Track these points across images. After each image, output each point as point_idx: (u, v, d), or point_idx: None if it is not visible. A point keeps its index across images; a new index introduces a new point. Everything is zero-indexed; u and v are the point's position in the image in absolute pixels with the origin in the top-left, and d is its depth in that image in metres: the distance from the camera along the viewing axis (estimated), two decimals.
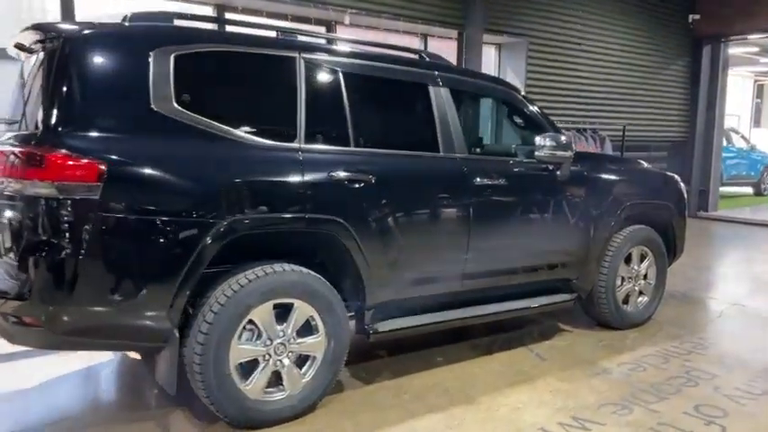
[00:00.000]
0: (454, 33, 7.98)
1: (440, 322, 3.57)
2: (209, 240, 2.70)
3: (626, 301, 4.62)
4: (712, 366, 3.89)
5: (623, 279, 4.58)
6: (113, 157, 2.56)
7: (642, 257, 4.68)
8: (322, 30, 7.19)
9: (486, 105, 4.37)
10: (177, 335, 2.73)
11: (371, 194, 3.18)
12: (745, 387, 3.58)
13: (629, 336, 4.50)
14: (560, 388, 3.53)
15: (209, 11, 6.40)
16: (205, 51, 2.92)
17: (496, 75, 8.91)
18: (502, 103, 4.11)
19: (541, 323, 4.76)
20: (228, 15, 6.51)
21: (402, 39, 8.18)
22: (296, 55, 3.12)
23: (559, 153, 3.91)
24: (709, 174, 11.79)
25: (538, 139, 3.87)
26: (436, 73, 3.62)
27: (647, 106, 10.62)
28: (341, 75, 3.24)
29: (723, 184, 13.44)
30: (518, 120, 4.25)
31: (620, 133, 9.55)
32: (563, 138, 3.96)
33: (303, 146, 3.05)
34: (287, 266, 2.95)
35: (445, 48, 8.17)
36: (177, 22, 3.05)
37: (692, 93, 11.44)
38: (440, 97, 3.58)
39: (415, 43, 8.12)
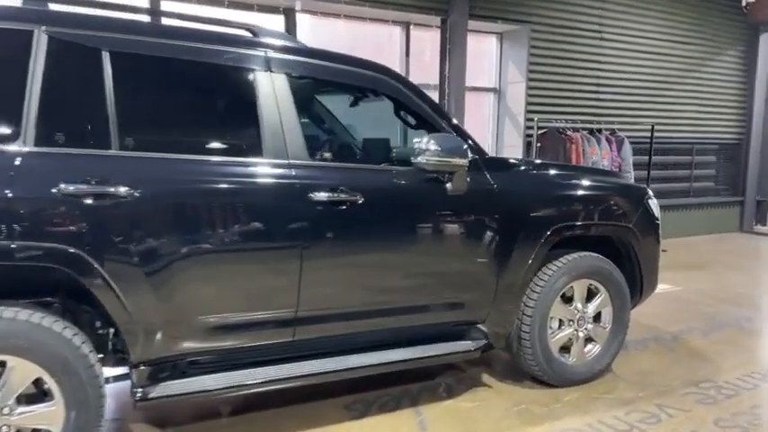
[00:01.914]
0: (437, 21, 7.01)
1: (256, 383, 2.69)
2: None
3: (567, 350, 3.57)
4: None
5: (561, 322, 3.53)
6: None
7: (591, 294, 3.61)
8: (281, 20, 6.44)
9: (361, 99, 3.42)
10: None
11: (130, 213, 2.38)
12: None
13: (563, 397, 3.44)
14: None
15: None
16: None
17: (499, 67, 7.89)
18: (377, 94, 3.19)
19: (463, 372, 3.77)
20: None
21: (382, 29, 7.32)
22: (34, 28, 2.36)
23: (448, 160, 2.95)
24: None
25: (417, 142, 2.93)
26: (265, 54, 2.75)
27: (690, 103, 9.18)
28: (106, 55, 2.44)
29: None
30: (406, 117, 3.30)
31: (648, 134, 8.24)
32: (454, 140, 3.00)
33: (26, 149, 2.28)
34: None
35: (430, 38, 7.24)
36: None
37: (748, 88, 9.85)
38: (268, 86, 2.72)
39: (397, 34, 7.24)
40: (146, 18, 2.73)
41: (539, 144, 7.46)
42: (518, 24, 7.46)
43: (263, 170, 2.68)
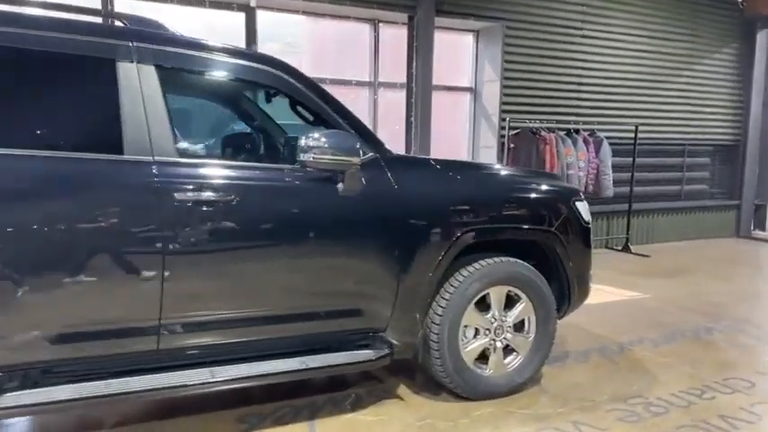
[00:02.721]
0: (405, 18, 6.83)
1: (113, 395, 2.52)
2: None
3: (486, 361, 3.36)
4: None
5: (477, 331, 3.32)
6: None
7: (512, 302, 3.39)
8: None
9: (249, 92, 3.23)
10: None
11: None
12: None
13: (474, 411, 3.23)
14: None
15: None
16: None
17: (475, 66, 7.68)
18: (265, 88, 3.01)
19: (380, 382, 3.58)
20: None
21: (351, 26, 7.17)
22: None
23: (335, 158, 2.77)
24: (767, 184, 9.75)
25: (302, 139, 2.75)
26: (129, 44, 2.59)
27: (680, 103, 8.85)
28: None
29: None
30: (301, 113, 3.11)
31: (632, 135, 7.94)
32: (343, 137, 2.81)
33: None
34: None
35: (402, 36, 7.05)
36: None
37: (744, 86, 9.46)
38: (132, 78, 2.56)
39: (366, 32, 7.07)
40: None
41: (512, 145, 7.23)
42: (492, 21, 7.25)
43: (121, 167, 2.52)
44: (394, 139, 7.11)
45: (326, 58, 7.45)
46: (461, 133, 7.97)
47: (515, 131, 7.25)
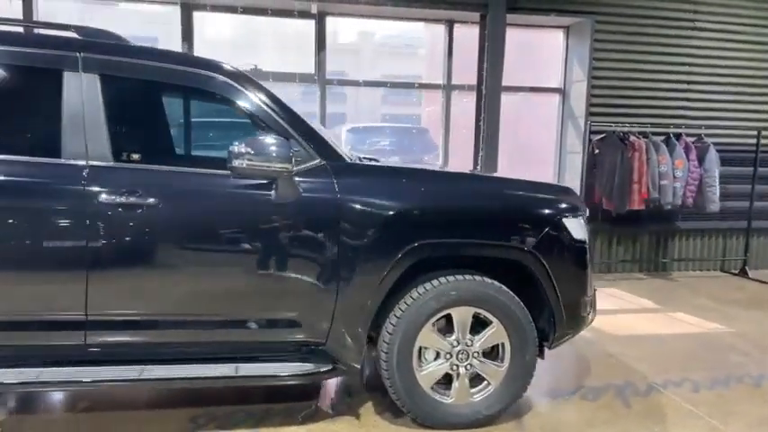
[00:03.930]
0: (476, 17, 6.51)
1: (38, 383, 2.67)
2: None
3: (449, 387, 3.09)
4: None
5: (438, 354, 3.06)
6: None
7: (483, 325, 3.08)
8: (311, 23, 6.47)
9: (194, 99, 3.20)
10: None
11: None
12: None
13: None
14: None
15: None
16: None
17: (564, 65, 7.12)
18: (206, 94, 2.98)
19: (348, 397, 3.44)
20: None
21: (424, 28, 7.01)
22: None
23: (264, 165, 2.71)
24: None
25: (233, 146, 2.72)
26: (73, 54, 2.75)
27: None
28: None
29: None
30: (246, 118, 3.07)
31: (751, 141, 6.84)
32: (274, 143, 2.73)
33: None
34: None
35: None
36: None
37: None
38: (76, 87, 2.72)
39: (440, 32, 6.87)
40: None
41: (596, 151, 6.58)
42: (578, 16, 6.66)
43: (56, 170, 2.68)
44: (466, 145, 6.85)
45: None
46: (549, 138, 7.44)
47: (600, 136, 6.59)
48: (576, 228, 3.13)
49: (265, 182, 2.80)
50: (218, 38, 7.30)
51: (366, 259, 2.88)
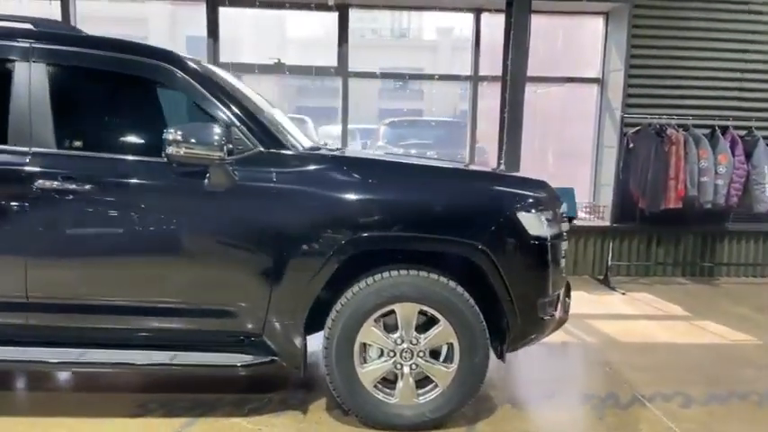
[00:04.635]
0: (503, 4, 6.22)
1: None
2: None
3: (393, 386, 2.96)
4: None
5: (383, 352, 2.93)
6: None
7: (431, 322, 2.92)
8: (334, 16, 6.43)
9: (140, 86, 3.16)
10: None
11: None
12: None
13: None
14: None
15: None
16: None
17: (603, 54, 6.71)
18: (151, 81, 2.95)
19: (308, 392, 3.37)
20: None
21: (451, 17, 6.80)
22: None
23: (195, 152, 2.69)
24: None
25: (167, 133, 2.72)
26: (23, 44, 2.83)
27: None
28: None
29: None
30: (195, 107, 3.02)
31: None
32: (205, 130, 2.70)
33: None
34: None
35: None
36: None
37: None
38: (25, 75, 2.81)
39: (468, 21, 6.65)
40: None
41: (631, 145, 6.14)
42: (614, 1, 6.23)
43: (1, 156, 2.78)
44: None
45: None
46: (587, 131, 7.03)
47: (635, 129, 6.14)
48: (534, 224, 2.90)
49: (200, 169, 2.77)
50: (254, 33, 7.45)
51: (301, 252, 2.80)
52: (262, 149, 2.87)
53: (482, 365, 2.93)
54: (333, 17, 6.49)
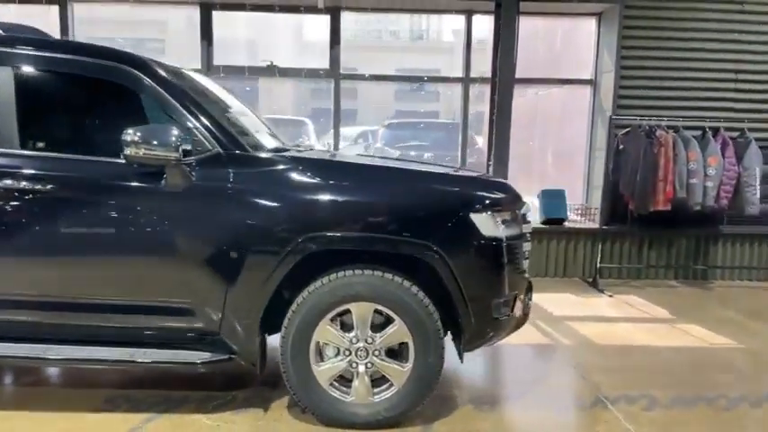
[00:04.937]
0: (492, 6, 6.24)
1: None
2: None
3: (348, 383, 3.00)
4: None
5: (339, 350, 2.97)
6: None
7: (389, 322, 2.95)
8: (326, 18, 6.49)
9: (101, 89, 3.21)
10: None
11: None
12: None
13: None
14: None
15: None
16: None
17: (596, 55, 6.69)
18: (111, 84, 3.00)
19: (273, 389, 3.42)
20: None
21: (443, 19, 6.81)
22: None
23: (152, 153, 2.75)
24: None
25: (125, 134, 2.78)
26: None
27: None
28: None
29: None
30: (155, 109, 3.09)
31: None
32: (162, 131, 2.75)
33: None
34: None
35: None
36: None
37: None
38: None
39: (460, 23, 6.67)
40: None
41: (621, 146, 6.11)
42: (605, 2, 6.21)
43: None
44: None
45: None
46: (578, 132, 7.00)
47: (625, 130, 6.11)
48: (488, 225, 2.91)
49: (157, 170, 2.83)
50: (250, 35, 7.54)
51: (255, 252, 2.85)
52: (220, 151, 2.92)
53: (436, 365, 2.94)
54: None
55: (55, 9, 6.45)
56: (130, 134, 2.74)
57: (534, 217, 6.91)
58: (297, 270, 2.88)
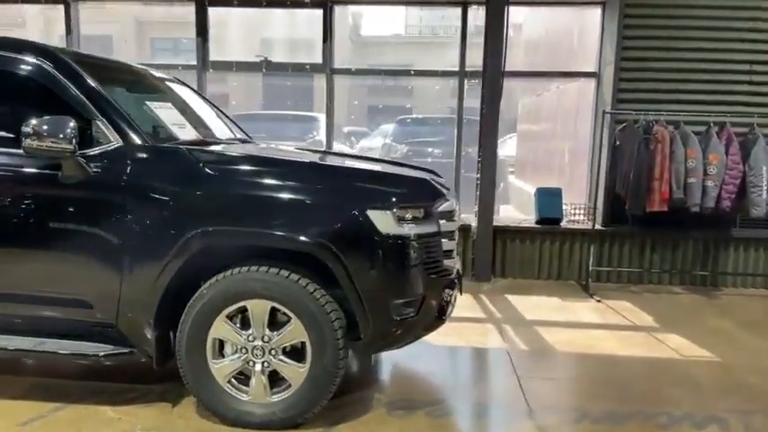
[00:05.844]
0: None
1: None
2: None
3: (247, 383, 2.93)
4: None
5: (237, 348, 2.90)
6: None
7: (288, 320, 2.86)
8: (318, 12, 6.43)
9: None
10: None
11: None
12: None
13: None
14: None
15: None
16: None
17: (600, 46, 6.35)
18: (15, 76, 3.00)
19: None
20: None
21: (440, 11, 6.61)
22: None
23: (48, 145, 2.75)
24: None
25: (24, 126, 2.80)
26: None
27: None
28: None
29: None
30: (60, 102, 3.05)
31: None
32: (57, 123, 2.75)
33: None
34: None
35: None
36: None
37: None
38: None
39: (455, 15, 6.47)
40: None
41: (617, 142, 5.76)
42: None
43: None
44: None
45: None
46: (582, 127, 6.67)
47: (621, 125, 5.76)
48: (388, 222, 2.78)
49: (56, 162, 2.84)
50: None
51: (149, 246, 2.82)
52: (121, 143, 2.90)
53: (333, 366, 2.83)
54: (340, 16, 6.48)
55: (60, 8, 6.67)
56: (28, 126, 2.76)
57: (530, 216, 6.66)
58: (210, 266, 2.85)
